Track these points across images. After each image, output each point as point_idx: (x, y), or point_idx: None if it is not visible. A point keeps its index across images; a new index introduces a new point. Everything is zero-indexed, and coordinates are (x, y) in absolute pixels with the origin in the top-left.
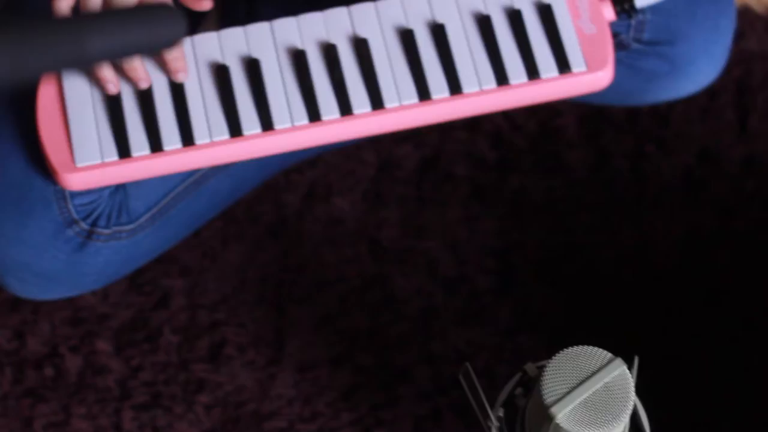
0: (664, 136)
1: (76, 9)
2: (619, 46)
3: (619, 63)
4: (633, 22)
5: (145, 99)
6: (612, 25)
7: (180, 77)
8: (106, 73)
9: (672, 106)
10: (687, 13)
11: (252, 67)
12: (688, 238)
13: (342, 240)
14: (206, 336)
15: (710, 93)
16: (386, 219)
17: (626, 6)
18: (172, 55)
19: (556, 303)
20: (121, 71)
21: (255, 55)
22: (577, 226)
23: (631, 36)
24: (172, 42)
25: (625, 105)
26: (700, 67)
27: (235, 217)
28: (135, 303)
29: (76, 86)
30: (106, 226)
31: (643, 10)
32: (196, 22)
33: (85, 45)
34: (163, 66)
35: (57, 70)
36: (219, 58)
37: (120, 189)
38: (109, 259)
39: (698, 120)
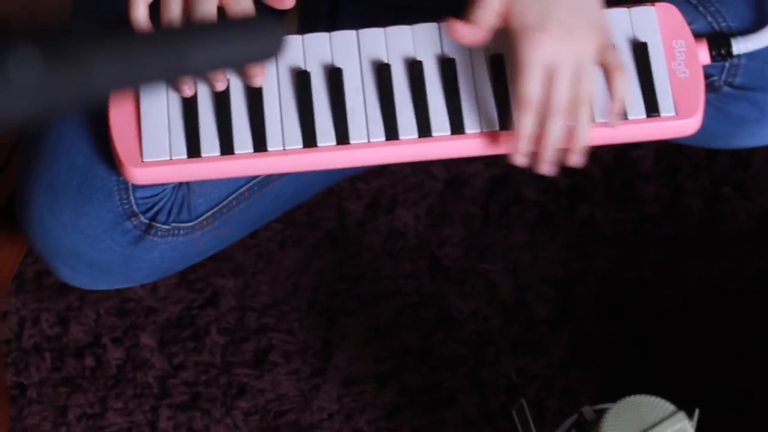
0: (743, 178)
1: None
2: (709, 87)
3: (707, 104)
4: (726, 65)
5: (221, 99)
6: (704, 66)
7: (257, 82)
8: None
9: (754, 149)
10: None
11: (333, 76)
12: (759, 283)
13: (402, 254)
14: (253, 340)
15: None
16: (449, 237)
17: (723, 51)
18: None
19: (615, 340)
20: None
21: (338, 63)
22: (643, 262)
23: (722, 79)
24: (272, 55)
25: (708, 147)
26: None
27: (294, 220)
28: (184, 299)
29: None
30: (166, 222)
31: (738, 55)
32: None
33: (187, 59)
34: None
35: (157, 82)
36: (301, 64)
37: (183, 185)
38: (164, 255)
39: None
